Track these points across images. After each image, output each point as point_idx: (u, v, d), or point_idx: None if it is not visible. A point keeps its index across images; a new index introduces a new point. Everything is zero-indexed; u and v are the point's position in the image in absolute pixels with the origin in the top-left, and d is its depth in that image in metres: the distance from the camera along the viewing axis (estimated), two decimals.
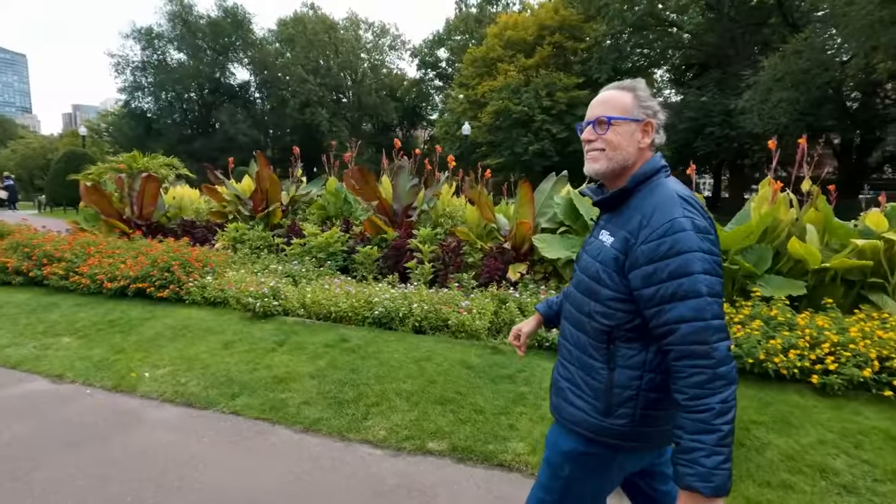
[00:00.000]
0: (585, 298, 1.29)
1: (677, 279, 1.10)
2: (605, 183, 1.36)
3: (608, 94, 1.29)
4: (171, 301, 5.29)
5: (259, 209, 7.73)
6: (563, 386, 1.36)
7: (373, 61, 50.42)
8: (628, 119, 1.24)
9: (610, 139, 1.24)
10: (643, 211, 1.19)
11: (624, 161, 1.25)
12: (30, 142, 39.83)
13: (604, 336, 1.24)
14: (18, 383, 3.63)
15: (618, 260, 1.20)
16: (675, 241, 1.11)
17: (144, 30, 39.74)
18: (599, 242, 1.29)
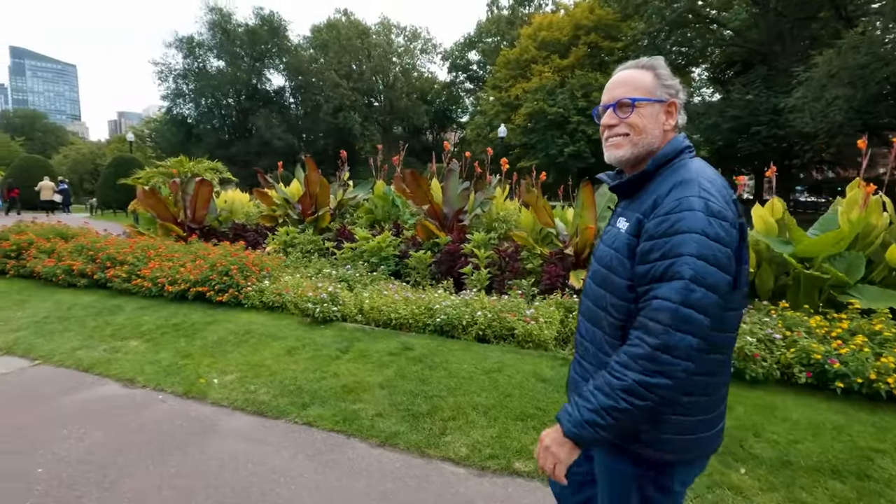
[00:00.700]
0: (601, 291, 1.20)
1: (668, 259, 1.02)
2: (625, 170, 1.26)
3: (627, 74, 1.18)
4: (231, 305, 5.30)
5: (308, 213, 7.74)
6: (581, 385, 1.26)
7: (404, 65, 50.85)
8: (652, 100, 1.14)
9: (634, 122, 1.14)
10: (660, 192, 1.10)
11: (650, 145, 1.16)
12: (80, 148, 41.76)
13: (619, 332, 1.14)
14: (92, 387, 3.66)
15: (630, 245, 1.12)
16: (678, 219, 1.02)
17: (186, 39, 41.10)
18: (616, 230, 1.20)
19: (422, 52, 53.37)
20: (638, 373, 1.00)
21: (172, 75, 41.23)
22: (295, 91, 47.51)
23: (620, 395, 1.01)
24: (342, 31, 46.03)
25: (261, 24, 42.76)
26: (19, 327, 4.77)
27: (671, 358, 0.98)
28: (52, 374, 3.87)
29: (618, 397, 1.01)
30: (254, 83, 44.20)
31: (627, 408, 1.01)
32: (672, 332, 0.98)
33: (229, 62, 42.35)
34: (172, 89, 41.42)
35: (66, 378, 3.79)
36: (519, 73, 32.44)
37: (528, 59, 31.68)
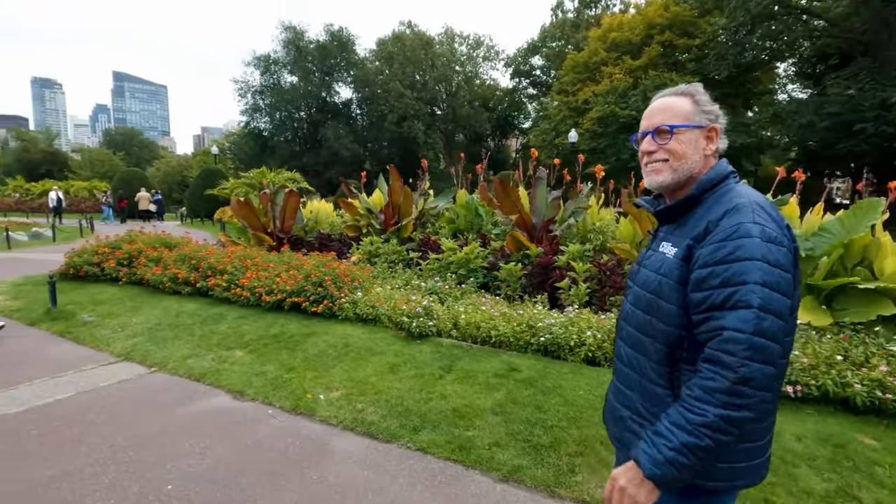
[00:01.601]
0: (647, 317, 1.18)
1: (730, 287, 1.00)
2: (665, 195, 1.26)
3: (666, 101, 1.19)
4: (325, 316, 5.31)
5: (390, 223, 7.72)
6: (625, 415, 1.24)
7: (467, 73, 51.11)
8: (691, 126, 1.15)
9: (673, 149, 1.16)
10: (711, 216, 1.09)
11: (689, 171, 1.16)
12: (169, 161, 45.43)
13: (667, 359, 1.13)
14: (205, 397, 3.70)
15: (681, 270, 1.10)
16: (737, 246, 1.01)
17: (263, 57, 43.67)
18: (660, 255, 1.18)
19: (484, 60, 53.45)
20: (719, 407, 0.97)
21: (250, 91, 43.89)
22: (361, 102, 49.04)
23: (703, 432, 0.98)
24: (407, 43, 47.03)
25: (331, 39, 44.60)
26: (135, 333, 5.01)
27: (752, 390, 0.96)
28: (168, 382, 3.98)
29: (701, 434, 0.98)
30: (323, 96, 46.10)
31: (710, 445, 0.98)
32: (749, 363, 0.95)
33: (301, 77, 44.46)
34: (250, 104, 44.06)
35: (180, 387, 3.87)
36: (587, 76, 31.48)
37: (597, 61, 30.67)
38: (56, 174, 40.11)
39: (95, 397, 3.65)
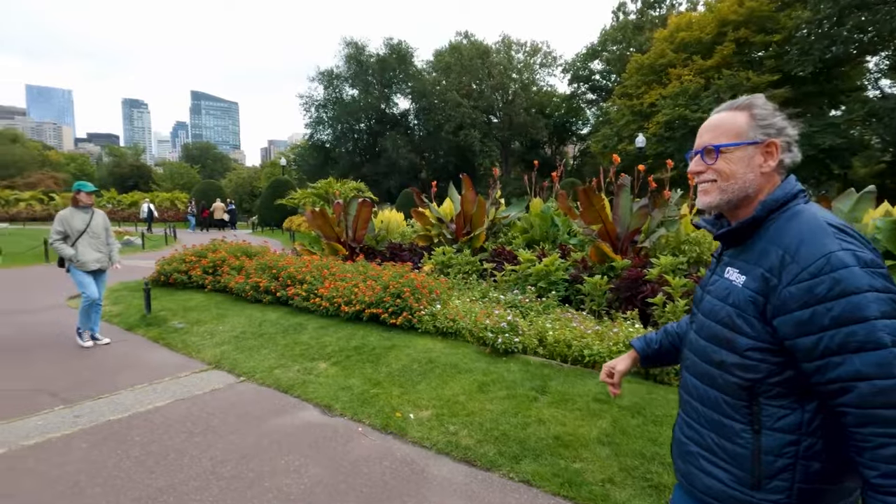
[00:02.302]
0: (715, 347, 1.08)
1: (847, 326, 0.89)
2: (725, 215, 1.16)
3: (717, 118, 1.12)
4: (404, 329, 5.20)
5: (462, 233, 7.57)
6: (693, 450, 1.14)
7: (523, 81, 50.75)
8: (743, 143, 1.07)
9: (721, 169, 1.09)
10: (784, 243, 0.99)
11: (742, 191, 1.08)
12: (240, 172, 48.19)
13: (744, 392, 1.03)
14: (294, 410, 3.66)
15: (756, 303, 1.00)
16: (837, 279, 0.90)
17: (326, 72, 45.44)
18: (727, 282, 1.08)
19: (541, 67, 52.90)
20: None
21: (314, 105, 45.75)
22: (419, 113, 49.82)
23: None
24: (464, 53, 47.38)
25: (390, 52, 45.72)
26: (223, 341, 5.13)
27: None
28: (257, 392, 3.99)
29: None
30: (382, 108, 47.24)
31: None
32: None
33: (362, 90, 45.83)
34: (314, 118, 45.92)
35: (269, 398, 3.87)
36: (653, 78, 30.18)
37: (663, 63, 29.34)
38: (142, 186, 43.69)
39: (192, 406, 3.71)
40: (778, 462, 0.99)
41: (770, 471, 1.00)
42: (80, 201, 5.11)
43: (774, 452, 1.00)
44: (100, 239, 5.15)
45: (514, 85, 50.05)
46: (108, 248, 5.24)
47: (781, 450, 0.99)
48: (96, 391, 3.96)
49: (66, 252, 4.93)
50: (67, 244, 4.97)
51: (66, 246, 4.95)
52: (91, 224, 5.10)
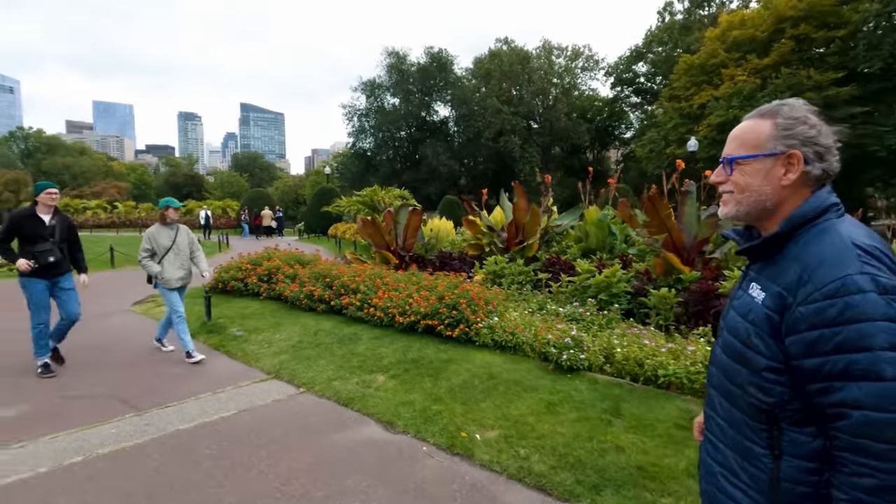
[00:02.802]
0: (735, 365, 1.05)
1: (849, 353, 0.86)
2: (753, 226, 1.13)
3: (741, 127, 1.09)
4: (460, 341, 5.07)
5: (514, 242, 7.38)
6: (715, 470, 1.11)
7: (564, 85, 50.10)
8: (760, 155, 1.03)
9: (736, 180, 1.07)
10: (805, 262, 0.95)
11: (758, 203, 1.05)
12: (286, 181, 49.79)
13: (763, 416, 0.99)
14: (356, 425, 3.59)
15: (772, 321, 0.97)
16: (848, 304, 0.87)
17: (368, 82, 46.36)
18: (749, 298, 1.05)
19: (583, 71, 52.07)
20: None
21: (356, 114, 46.71)
22: (458, 120, 49.98)
23: None
24: (504, 60, 47.30)
25: (430, 61, 46.14)
26: (280, 350, 5.16)
27: None
28: (317, 405, 3.95)
29: None
30: (423, 116, 47.67)
31: None
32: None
33: (402, 98, 46.44)
34: (356, 127, 46.86)
35: (330, 411, 3.81)
36: (703, 79, 28.99)
37: (715, 63, 28.15)
38: (195, 195, 45.88)
39: (255, 417, 3.70)
40: (797, 489, 0.96)
41: (788, 498, 0.96)
42: (167, 217, 5.11)
43: (793, 479, 0.96)
44: (184, 255, 5.13)
45: (554, 90, 49.50)
46: (191, 262, 5.23)
47: (801, 477, 0.95)
48: (163, 399, 4.03)
49: (153, 269, 4.96)
50: (155, 261, 5.00)
51: (153, 263, 4.98)
52: (176, 240, 5.09)
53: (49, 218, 4.52)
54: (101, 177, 56.45)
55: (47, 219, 4.51)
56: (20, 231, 4.40)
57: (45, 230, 4.45)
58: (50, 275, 4.48)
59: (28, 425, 3.53)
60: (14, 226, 4.40)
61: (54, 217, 4.57)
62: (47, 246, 4.41)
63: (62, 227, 4.60)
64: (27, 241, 4.39)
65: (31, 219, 4.45)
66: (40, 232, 4.42)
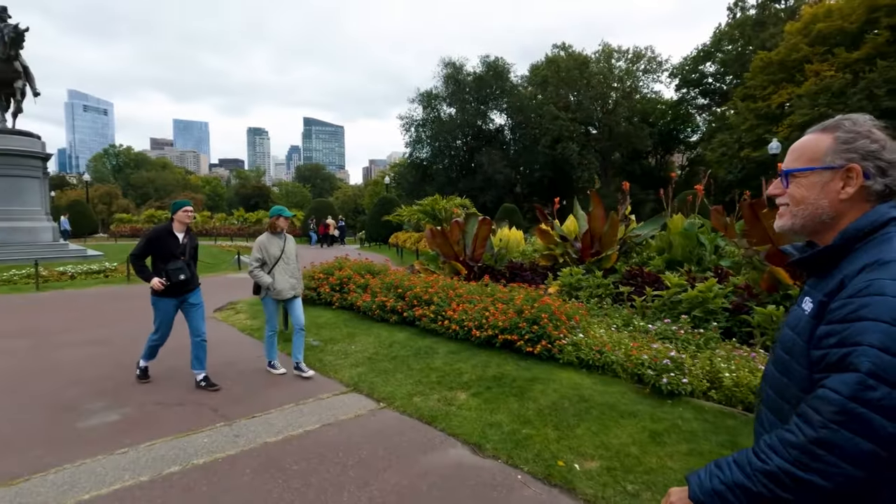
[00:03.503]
0: (784, 379, 1.05)
1: (844, 347, 0.88)
2: (815, 240, 1.11)
3: (801, 141, 1.10)
4: (542, 358, 4.81)
5: (589, 252, 7.02)
6: None
7: (625, 89, 48.50)
8: (816, 169, 1.04)
9: (792, 193, 1.08)
10: (848, 270, 0.95)
11: (814, 216, 1.04)
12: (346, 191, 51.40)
13: None
14: (443, 447, 3.42)
15: (811, 329, 0.97)
16: (864, 304, 0.88)
17: (425, 93, 47.07)
18: (800, 311, 1.06)
19: (645, 73, 50.21)
20: (786, 461, 0.89)
21: (414, 125, 47.51)
22: (514, 127, 49.64)
23: (758, 478, 0.91)
24: (561, 65, 46.50)
25: (487, 70, 46.19)
26: (357, 362, 5.12)
27: (832, 457, 0.85)
28: (399, 422, 3.83)
29: (755, 479, 0.92)
30: (479, 124, 47.73)
31: (762, 492, 0.91)
32: (836, 428, 0.84)
33: (458, 108, 46.73)
34: (413, 137, 47.64)
35: (413, 430, 3.67)
36: (783, 77, 27.00)
37: (797, 58, 26.13)
38: (262, 205, 48.34)
39: (339, 433, 3.63)
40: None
41: None
42: (277, 227, 4.88)
43: None
44: (293, 264, 4.93)
45: (614, 94, 48.06)
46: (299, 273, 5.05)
47: None
48: (249, 409, 4.06)
49: (265, 280, 4.73)
50: (265, 271, 4.79)
51: (264, 274, 4.76)
52: (285, 250, 4.87)
53: (182, 236, 4.52)
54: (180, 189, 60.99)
55: (181, 237, 4.50)
56: (156, 248, 4.40)
57: (178, 248, 4.44)
58: (181, 292, 4.50)
59: (129, 430, 3.65)
60: (151, 242, 4.40)
61: (186, 235, 4.56)
62: (179, 264, 4.39)
63: (191, 244, 4.61)
64: (160, 258, 4.39)
65: (169, 236, 4.44)
66: (174, 250, 4.41)
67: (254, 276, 4.80)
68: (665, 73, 48.91)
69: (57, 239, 17.22)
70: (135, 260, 4.40)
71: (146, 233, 4.55)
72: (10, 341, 6.22)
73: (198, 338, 4.61)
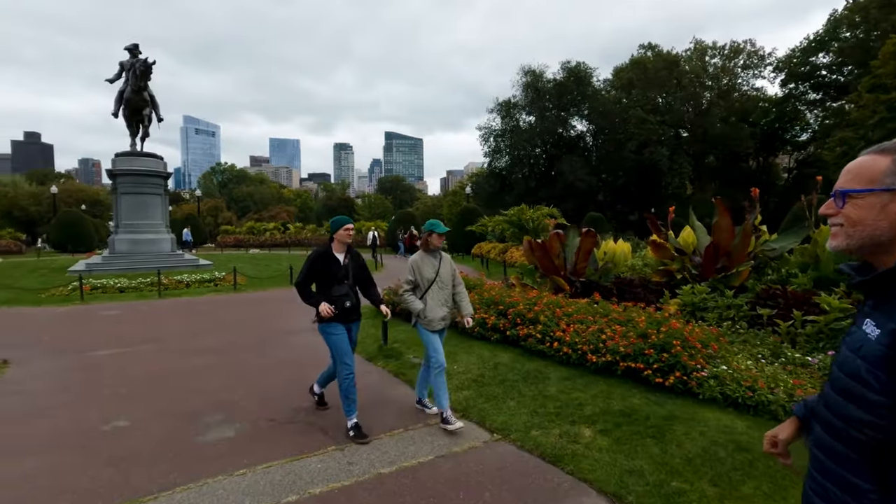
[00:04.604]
0: (843, 401, 1.03)
1: None
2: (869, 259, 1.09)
3: (857, 162, 1.09)
4: (676, 392, 4.20)
5: (713, 268, 6.21)
6: None
7: (721, 87, 44.88)
8: (875, 190, 1.02)
9: (848, 214, 1.06)
10: None
11: (871, 238, 1.03)
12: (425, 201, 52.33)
13: (873, 451, 0.97)
14: (574, 493, 2.99)
15: (887, 359, 0.95)
16: None
17: (504, 102, 46.77)
18: (862, 334, 1.03)
19: (744, 69, 46.16)
20: None
21: (492, 135, 47.34)
22: (597, 133, 47.84)
23: None
24: (648, 66, 44.11)
25: (567, 76, 44.98)
26: (462, 384, 4.83)
27: None
28: (519, 458, 3.45)
29: None
30: (559, 132, 46.55)
31: None
32: None
33: (538, 116, 45.87)
34: (492, 147, 47.44)
35: (537, 470, 3.27)
36: None
37: None
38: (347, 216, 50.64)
39: (455, 468, 3.32)
40: None
41: None
42: (430, 244, 4.14)
43: None
44: (448, 289, 4.19)
45: (708, 93, 44.67)
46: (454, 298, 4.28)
47: None
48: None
49: (415, 306, 4.08)
50: (417, 295, 4.12)
51: (415, 299, 4.10)
52: (440, 271, 4.13)
53: (343, 257, 4.00)
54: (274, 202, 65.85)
55: (342, 258, 3.99)
56: (317, 271, 3.94)
57: (340, 270, 3.93)
58: (348, 319, 3.97)
59: (245, 448, 3.61)
60: (312, 265, 3.94)
61: (347, 255, 4.03)
62: (344, 290, 3.90)
63: (355, 265, 4.07)
64: (323, 283, 3.94)
65: (328, 258, 3.94)
66: (336, 273, 3.92)
67: (403, 300, 4.18)
68: (768, 67, 44.59)
69: (174, 250, 18.99)
70: (301, 289, 3.92)
71: (309, 257, 4.03)
72: (138, 347, 6.70)
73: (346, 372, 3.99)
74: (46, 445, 3.70)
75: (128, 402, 4.60)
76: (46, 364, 5.92)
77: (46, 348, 6.69)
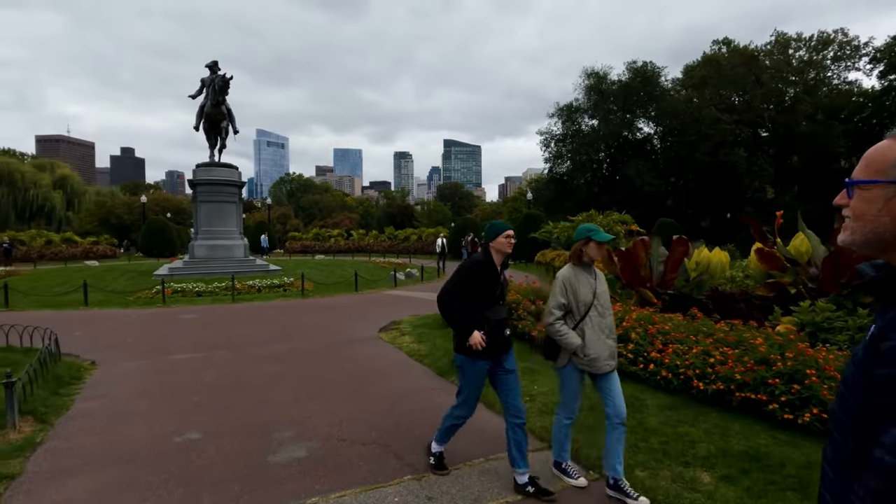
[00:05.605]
0: (840, 413, 0.96)
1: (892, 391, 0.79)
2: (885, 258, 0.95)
3: (874, 148, 0.96)
4: (812, 431, 3.51)
5: (834, 283, 5.33)
6: None
7: (807, 82, 41.17)
8: (881, 182, 0.90)
9: (853, 206, 0.95)
10: None
11: (874, 234, 0.91)
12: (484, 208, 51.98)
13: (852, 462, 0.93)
14: None
15: (865, 363, 0.90)
16: None
17: (565, 107, 45.56)
18: (865, 342, 0.94)
19: (834, 61, 42.09)
20: None
21: (553, 140, 46.23)
22: (665, 135, 45.46)
23: None
24: (723, 63, 41.31)
25: (633, 76, 43.11)
26: (545, 408, 4.36)
27: None
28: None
29: None
30: (625, 135, 44.71)
31: None
32: None
33: (601, 119, 44.27)
34: (553, 152, 46.31)
35: None
36: None
37: None
38: (406, 223, 51.26)
39: None
40: None
41: None
42: (586, 255, 3.12)
43: None
44: (608, 318, 3.11)
45: (793, 89, 41.09)
46: None
47: None
48: None
49: (571, 342, 2.99)
50: (570, 325, 3.06)
51: (571, 333, 3.01)
52: (598, 292, 3.09)
53: (500, 271, 3.13)
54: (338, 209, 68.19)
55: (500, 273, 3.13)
56: (476, 288, 3.06)
57: (497, 288, 3.09)
58: (499, 352, 3.11)
59: (316, 472, 3.36)
60: (473, 280, 3.06)
61: (502, 270, 3.15)
62: (503, 314, 3.09)
63: (505, 282, 3.28)
64: (476, 302, 3.05)
65: (491, 272, 3.06)
66: (494, 291, 3.07)
67: (554, 332, 3.03)
68: (864, 58, 40.39)
69: (247, 255, 19.83)
70: (450, 302, 3.07)
71: (464, 267, 3.14)
72: (212, 352, 6.79)
73: (517, 419, 3.11)
74: (123, 457, 3.64)
75: (201, 411, 4.54)
76: (129, 366, 6.09)
77: (130, 350, 6.94)
